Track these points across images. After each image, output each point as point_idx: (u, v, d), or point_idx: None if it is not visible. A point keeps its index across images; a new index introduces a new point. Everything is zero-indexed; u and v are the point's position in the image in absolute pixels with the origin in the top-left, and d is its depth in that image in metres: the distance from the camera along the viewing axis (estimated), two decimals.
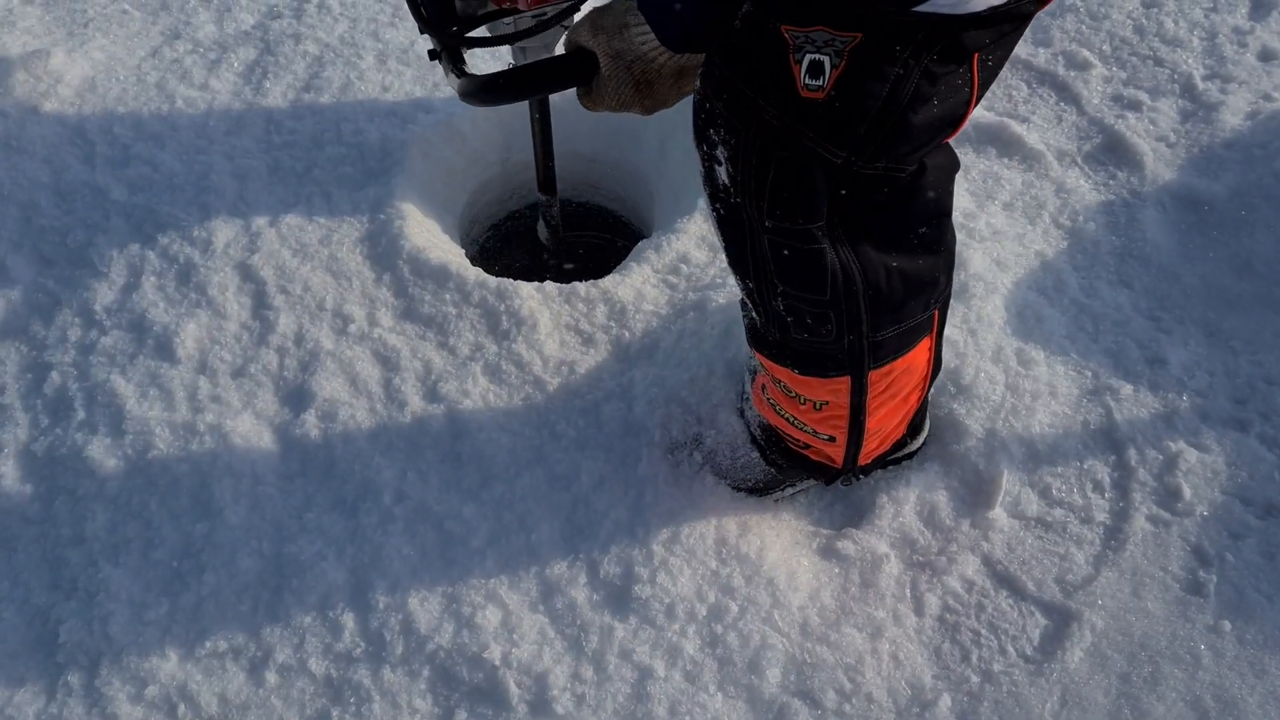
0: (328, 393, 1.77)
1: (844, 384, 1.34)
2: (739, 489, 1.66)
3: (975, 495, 1.67)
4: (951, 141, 1.19)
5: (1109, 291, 1.89)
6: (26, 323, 1.91)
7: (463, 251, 2.06)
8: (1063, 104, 2.19)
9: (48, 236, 2.02)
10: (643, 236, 2.33)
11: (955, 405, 1.73)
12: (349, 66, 2.28)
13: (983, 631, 1.55)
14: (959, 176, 1.98)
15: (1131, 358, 1.80)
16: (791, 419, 1.48)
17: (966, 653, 1.54)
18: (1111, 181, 2.06)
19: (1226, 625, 1.53)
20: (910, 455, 1.70)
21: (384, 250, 1.94)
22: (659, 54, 1.20)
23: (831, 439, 1.47)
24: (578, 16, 1.49)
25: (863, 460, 1.54)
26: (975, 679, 1.51)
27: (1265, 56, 2.20)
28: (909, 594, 1.59)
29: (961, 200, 2.01)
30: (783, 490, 1.67)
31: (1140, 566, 1.59)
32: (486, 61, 2.22)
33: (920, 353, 1.38)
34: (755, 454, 1.64)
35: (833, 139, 1.04)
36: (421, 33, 1.51)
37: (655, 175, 2.24)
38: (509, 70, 1.34)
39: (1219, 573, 1.58)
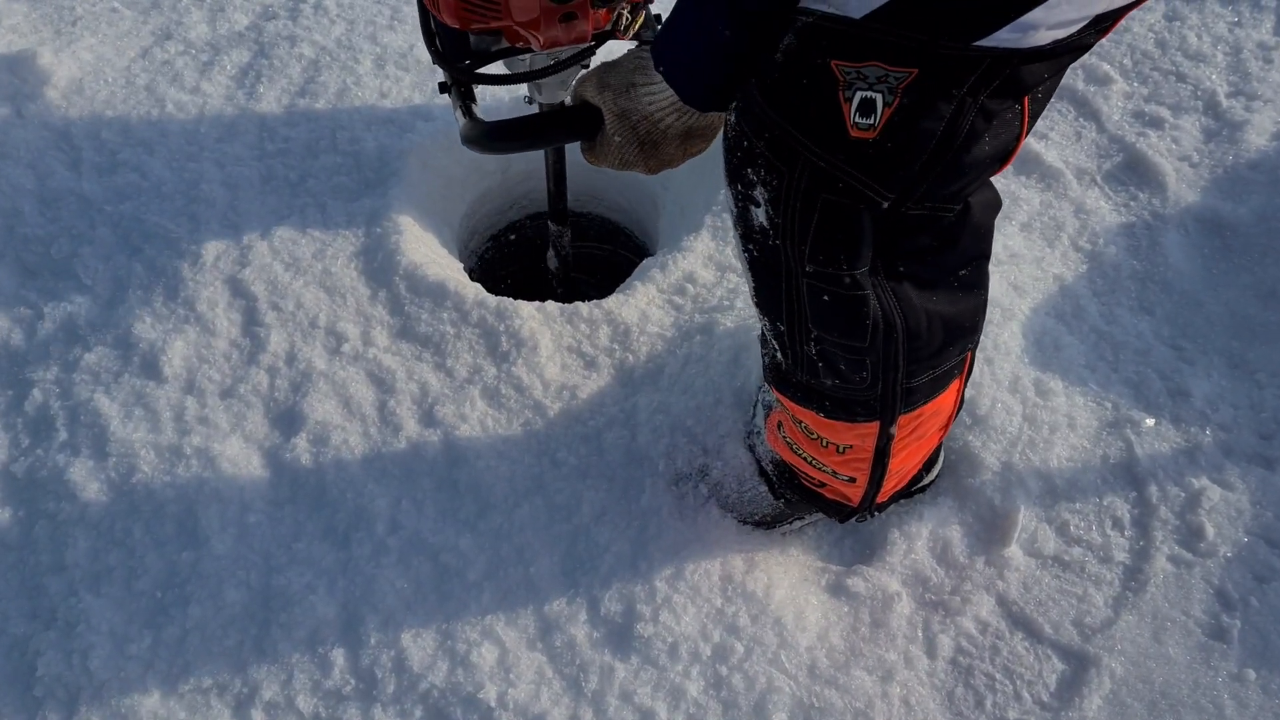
0: (320, 415, 1.71)
1: (872, 429, 1.30)
2: (745, 522, 1.60)
3: (990, 532, 1.62)
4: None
5: (1130, 319, 1.83)
6: (7, 336, 1.84)
7: (461, 266, 2.00)
8: (1082, 120, 2.12)
9: (31, 246, 1.95)
10: (645, 249, 2.28)
11: (971, 437, 1.67)
12: (345, 71, 2.21)
13: (997, 676, 1.50)
14: None
15: (1153, 389, 1.74)
16: (810, 459, 1.43)
17: (980, 698, 1.48)
18: (1132, 202, 1.99)
19: (1251, 673, 1.48)
20: (924, 488, 1.64)
21: (380, 265, 1.88)
22: (666, 114, 1.16)
23: (852, 480, 1.42)
24: (593, 60, 1.47)
25: (879, 499, 1.48)
26: None
27: None
28: (921, 635, 1.54)
29: None
30: (790, 524, 1.62)
31: (1161, 609, 1.54)
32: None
33: (950, 395, 1.34)
34: (763, 487, 1.58)
35: (882, 180, 1.00)
36: (434, 64, 1.47)
37: (659, 187, 2.17)
38: (513, 120, 1.32)
39: (1243, 617, 1.52)
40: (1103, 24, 0.90)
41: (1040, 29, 0.86)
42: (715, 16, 1.00)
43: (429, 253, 1.93)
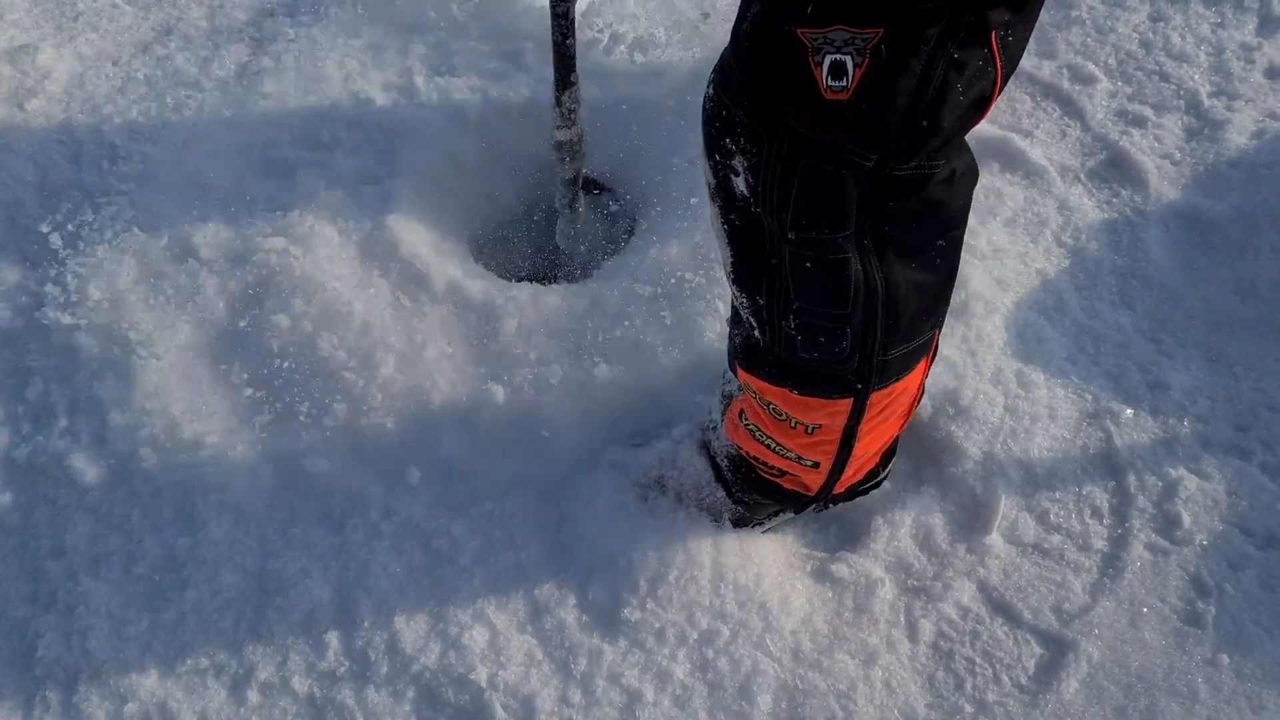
0: (316, 403, 1.74)
1: (845, 406, 1.30)
2: (717, 521, 1.62)
3: (972, 519, 1.65)
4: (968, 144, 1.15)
5: (1110, 313, 1.87)
6: (9, 324, 1.87)
7: (463, 253, 2.02)
8: (1067, 119, 2.16)
9: (32, 237, 1.98)
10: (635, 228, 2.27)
11: (953, 427, 1.71)
12: (344, 65, 2.23)
13: (977, 660, 1.53)
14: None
15: (1132, 381, 1.78)
16: (773, 444, 1.43)
17: (961, 681, 1.52)
18: (1115, 199, 2.03)
19: (1225, 658, 1.51)
20: (878, 484, 1.67)
21: (380, 253, 1.90)
22: None
23: (815, 465, 1.43)
24: None
25: (838, 489, 1.50)
26: (969, 709, 1.49)
27: (1272, 74, 2.17)
28: (903, 620, 1.57)
29: None
30: (752, 528, 1.63)
31: (1138, 596, 1.57)
32: None
33: (918, 374, 1.34)
34: (721, 492, 1.59)
35: (862, 141, 1.00)
36: None
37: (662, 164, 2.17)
38: None
39: (1218, 604, 1.56)
40: None
41: None
42: None
43: (429, 238, 1.95)
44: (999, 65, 0.99)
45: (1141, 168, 2.05)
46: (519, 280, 1.90)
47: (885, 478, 1.66)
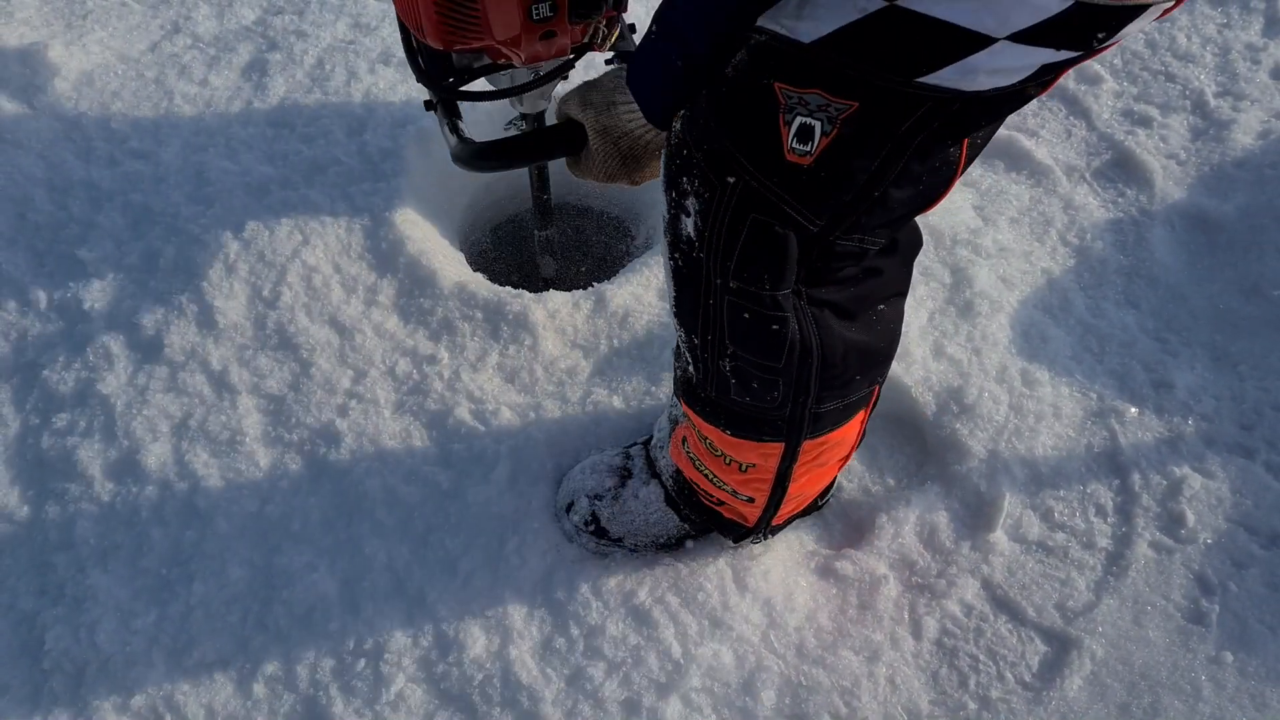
0: (322, 400, 1.75)
1: (776, 449, 1.31)
2: (651, 547, 1.61)
3: (976, 517, 1.65)
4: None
5: (1115, 312, 1.87)
6: (18, 320, 1.88)
7: (462, 257, 2.03)
8: (1072, 118, 2.16)
9: (42, 233, 1.99)
10: (635, 238, 2.31)
11: (958, 425, 1.71)
12: (351, 64, 2.25)
13: (981, 657, 1.53)
14: (965, 191, 1.96)
15: (1137, 380, 1.78)
16: (711, 476, 1.43)
17: (964, 678, 1.52)
18: (1120, 199, 2.03)
19: (1228, 656, 1.51)
20: (818, 508, 1.68)
21: (383, 254, 1.91)
22: (645, 130, 1.20)
23: (750, 500, 1.43)
24: (572, 75, 1.49)
25: (776, 521, 1.50)
26: (973, 705, 1.49)
27: (1278, 74, 2.17)
28: (907, 617, 1.57)
29: (967, 215, 1.99)
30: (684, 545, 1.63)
31: (1142, 594, 1.57)
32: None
33: (854, 426, 1.34)
34: (671, 512, 1.59)
35: (812, 208, 1.01)
36: (418, 82, 1.53)
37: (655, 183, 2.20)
38: (501, 140, 1.37)
39: (1221, 602, 1.56)
40: (1045, 77, 0.90)
41: (981, 73, 0.86)
42: (669, 54, 1.04)
43: (431, 242, 1.96)
44: (961, 165, 1.01)
45: (1147, 167, 2.05)
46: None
47: (825, 504, 1.68)
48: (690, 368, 1.28)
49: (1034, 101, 2.19)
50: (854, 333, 1.17)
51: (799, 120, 0.94)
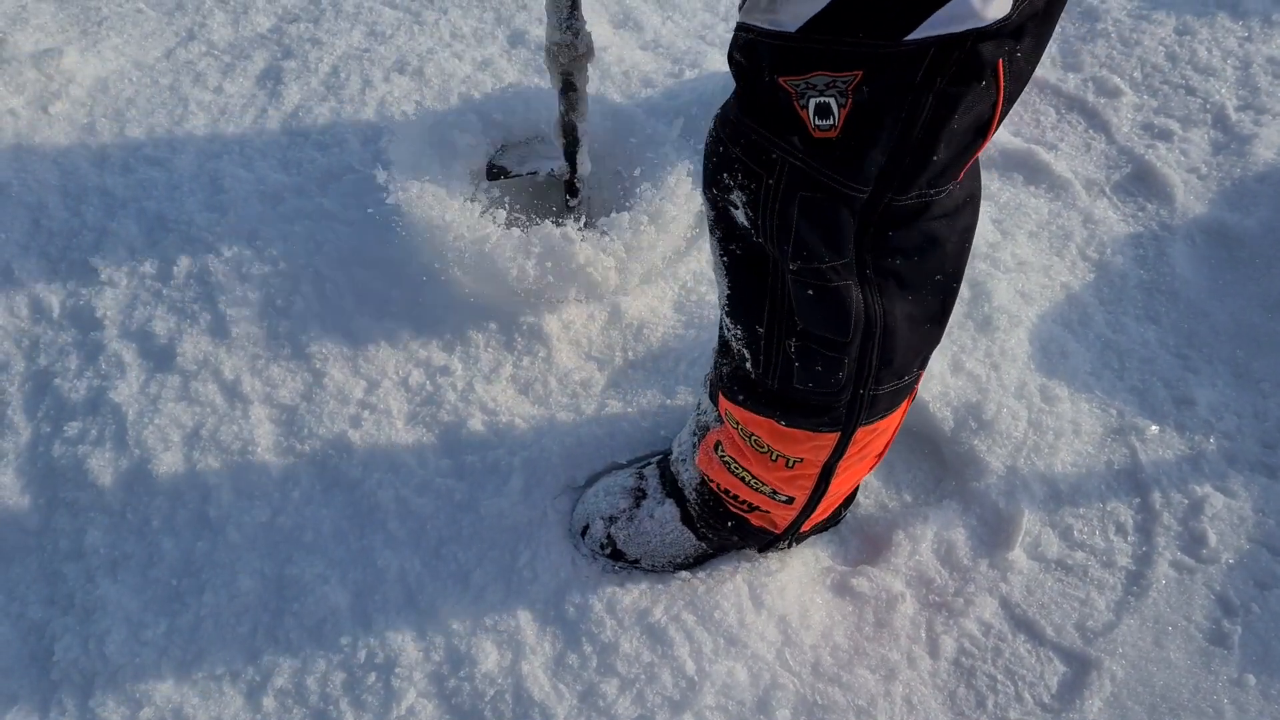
0: (334, 410, 1.74)
1: (830, 440, 1.29)
2: (669, 567, 1.60)
3: (994, 535, 1.63)
4: (979, 167, 1.14)
5: (1136, 327, 1.85)
6: (30, 327, 1.88)
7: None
8: (1092, 131, 2.14)
9: (55, 240, 1.99)
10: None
11: (976, 441, 1.69)
12: (366, 72, 2.24)
13: (999, 677, 1.51)
14: (984, 204, 1.94)
15: (1158, 397, 1.76)
16: (748, 478, 1.41)
17: (982, 699, 1.50)
18: (1140, 213, 2.01)
19: (1251, 679, 1.49)
20: (836, 523, 1.66)
21: (397, 262, 1.91)
22: None
23: (790, 500, 1.41)
24: None
25: (805, 527, 1.48)
26: None
27: None
28: (924, 635, 1.55)
29: (985, 229, 1.97)
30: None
31: (1163, 614, 1.55)
32: None
33: (899, 415, 1.33)
34: (689, 531, 1.56)
35: (853, 176, 1.00)
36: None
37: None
38: None
39: (1244, 623, 1.54)
40: None
41: (970, 16, 0.85)
42: None
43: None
44: (1001, 89, 0.97)
45: (1168, 181, 2.03)
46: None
47: (844, 516, 1.66)
48: (747, 363, 1.27)
49: (1053, 114, 2.18)
50: (912, 305, 1.16)
51: (814, 101, 0.94)
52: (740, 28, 0.95)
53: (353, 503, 1.65)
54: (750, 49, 0.96)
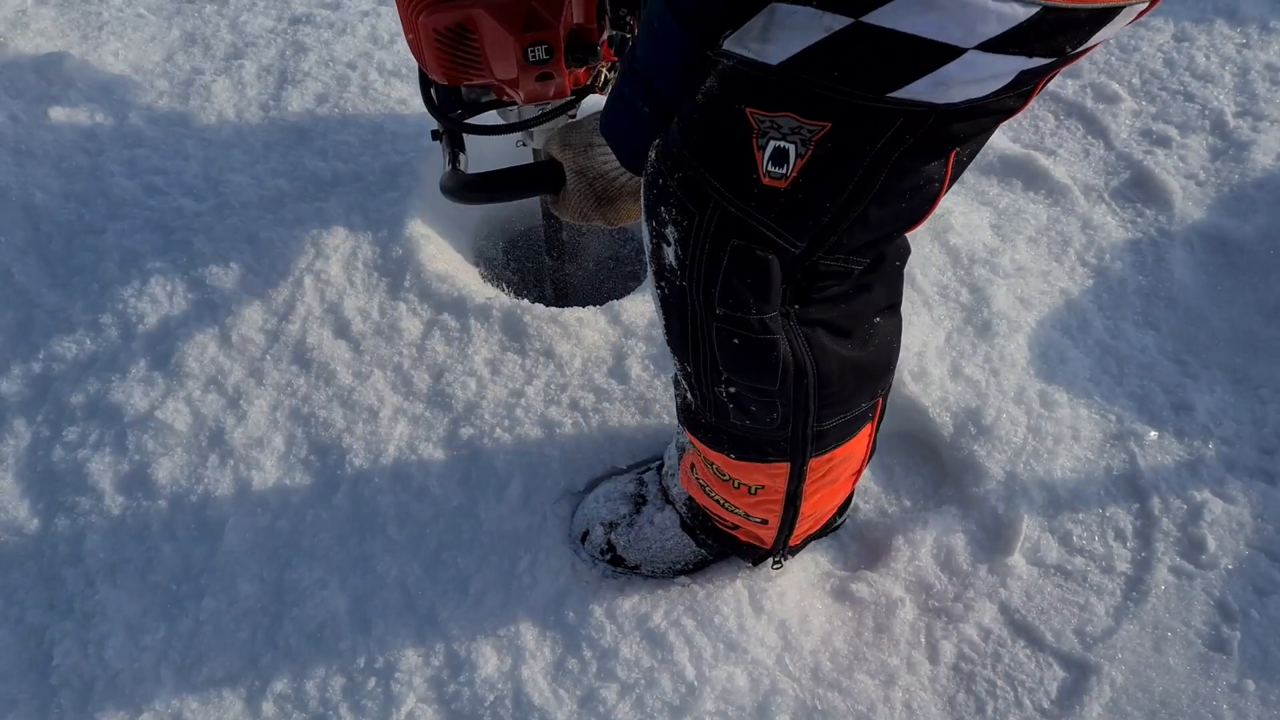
0: (334, 416, 1.74)
1: (783, 469, 1.29)
2: (669, 573, 1.60)
3: (994, 540, 1.63)
4: (976, 169, 1.15)
5: (1134, 333, 1.86)
6: (29, 331, 1.88)
7: (476, 271, 2.03)
8: (1090, 137, 2.15)
9: (55, 244, 1.99)
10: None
11: (976, 446, 1.69)
12: (367, 77, 2.25)
13: (999, 682, 1.51)
14: (983, 210, 1.95)
15: (1157, 403, 1.76)
16: (722, 501, 1.42)
17: (982, 704, 1.50)
18: (1139, 219, 2.02)
19: (1250, 684, 1.49)
20: (835, 529, 1.66)
21: (397, 267, 1.91)
22: (620, 174, 1.23)
23: (764, 522, 1.42)
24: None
25: (793, 541, 1.48)
26: None
27: None
28: (924, 641, 1.55)
29: (985, 235, 1.98)
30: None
31: (1162, 620, 1.55)
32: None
33: (861, 440, 1.33)
34: (687, 538, 1.57)
35: (791, 230, 1.00)
36: (429, 113, 1.59)
37: None
38: (487, 173, 1.43)
39: (1243, 629, 1.54)
40: (1024, 86, 0.89)
41: (955, 84, 0.85)
42: (637, 101, 1.05)
43: (445, 256, 1.96)
44: (947, 180, 0.99)
45: (1166, 188, 2.04)
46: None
47: (843, 523, 1.66)
48: (689, 395, 1.26)
49: (1052, 121, 2.19)
50: (849, 349, 1.16)
51: (773, 144, 0.93)
52: (722, 54, 0.94)
53: (352, 508, 1.65)
54: (724, 76, 0.95)
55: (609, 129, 1.15)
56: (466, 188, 1.46)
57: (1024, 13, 0.79)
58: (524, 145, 1.70)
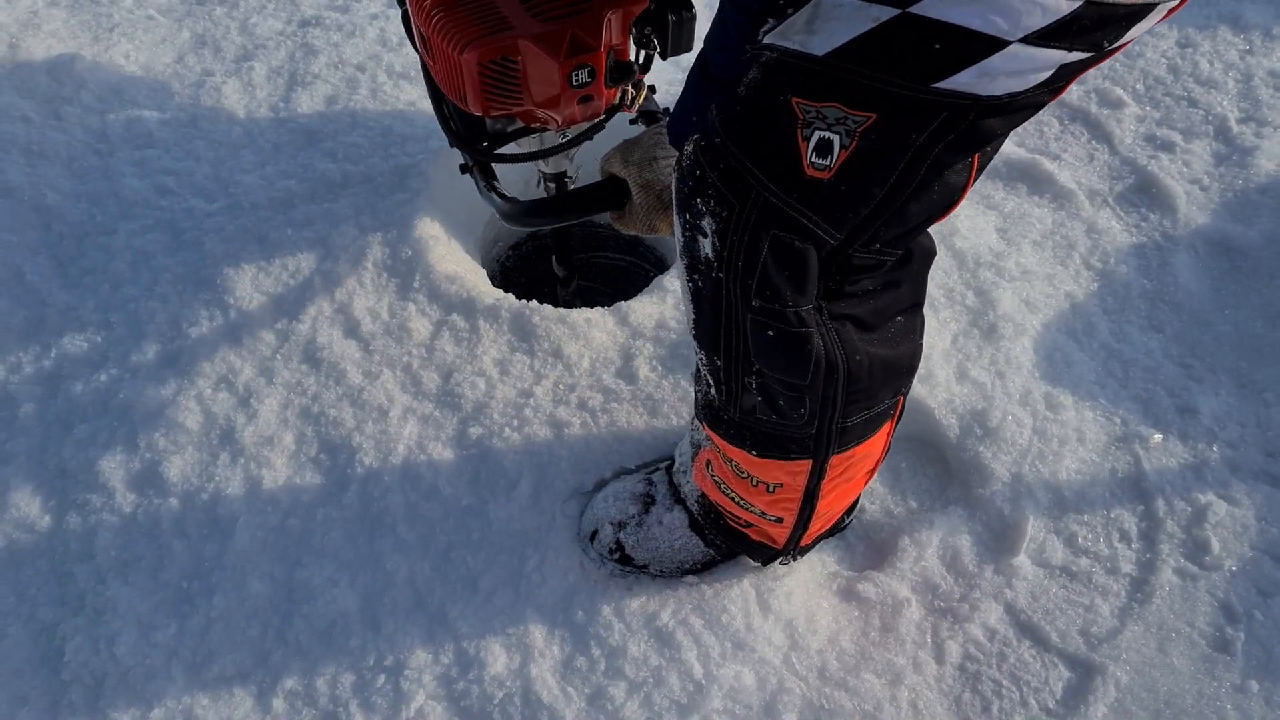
0: (344, 415, 1.75)
1: (804, 467, 1.30)
2: (677, 573, 1.60)
3: (999, 541, 1.64)
4: (985, 173, 1.16)
5: (1139, 337, 1.87)
6: (41, 330, 1.89)
7: (484, 272, 2.03)
8: (1095, 142, 2.16)
9: (66, 244, 2.00)
10: (661, 258, 2.32)
11: (981, 448, 1.70)
12: (376, 79, 2.26)
13: (1004, 682, 1.52)
14: (988, 214, 1.96)
15: (1161, 406, 1.77)
16: (737, 499, 1.42)
17: (987, 703, 1.51)
18: (1143, 223, 2.03)
19: (1254, 685, 1.50)
20: (842, 529, 1.67)
21: (406, 268, 1.92)
22: None
23: (779, 520, 1.42)
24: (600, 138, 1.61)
25: (805, 541, 1.49)
26: None
27: None
28: (930, 641, 1.56)
29: (990, 238, 1.99)
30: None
31: (1166, 621, 1.56)
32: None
33: (880, 438, 1.34)
34: (695, 537, 1.58)
35: (833, 221, 1.01)
36: (451, 146, 1.59)
37: None
38: (548, 198, 1.47)
39: (1247, 630, 1.55)
40: (1059, 82, 0.91)
41: (999, 75, 0.86)
42: (697, 99, 1.09)
43: (454, 256, 1.97)
44: (974, 174, 1.01)
45: (1170, 192, 2.05)
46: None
47: (849, 524, 1.67)
48: (712, 390, 1.27)
49: (1056, 125, 2.20)
50: (876, 346, 1.17)
51: (818, 135, 0.94)
52: (764, 47, 0.96)
53: (362, 506, 1.66)
54: (768, 68, 0.96)
55: (674, 131, 1.22)
56: (529, 213, 1.48)
57: (1068, 6, 0.81)
58: (543, 172, 1.72)
